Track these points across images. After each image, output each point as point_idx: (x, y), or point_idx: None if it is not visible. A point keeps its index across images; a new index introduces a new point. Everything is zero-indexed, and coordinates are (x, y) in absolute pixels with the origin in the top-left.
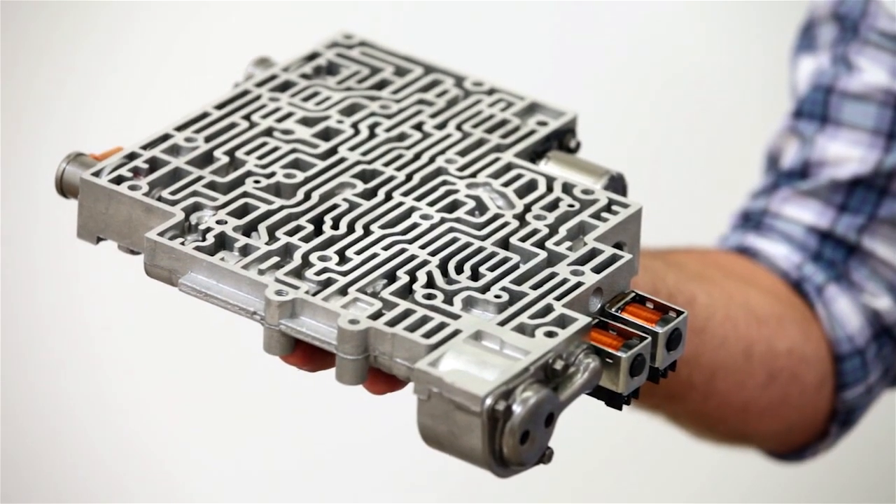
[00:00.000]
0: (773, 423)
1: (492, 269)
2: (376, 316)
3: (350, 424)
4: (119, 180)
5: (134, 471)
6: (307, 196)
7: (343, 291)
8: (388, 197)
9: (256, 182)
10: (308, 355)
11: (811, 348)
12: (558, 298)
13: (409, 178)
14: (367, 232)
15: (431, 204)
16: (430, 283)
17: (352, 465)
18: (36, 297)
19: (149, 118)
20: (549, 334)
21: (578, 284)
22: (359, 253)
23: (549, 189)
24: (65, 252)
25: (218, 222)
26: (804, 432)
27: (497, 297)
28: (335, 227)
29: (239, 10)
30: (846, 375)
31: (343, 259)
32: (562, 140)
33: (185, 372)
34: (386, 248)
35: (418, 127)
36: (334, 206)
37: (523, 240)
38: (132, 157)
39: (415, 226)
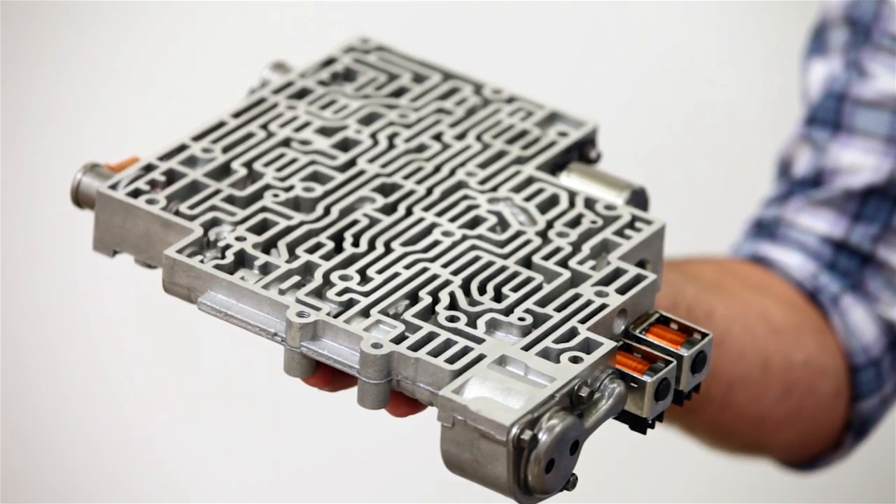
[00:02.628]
0: (789, 434)
1: (515, 289)
2: (399, 339)
3: (356, 426)
4: (136, 193)
5: (141, 474)
6: (327, 211)
7: (365, 313)
8: (409, 212)
9: (275, 196)
10: (329, 377)
11: (827, 359)
12: (583, 321)
13: (429, 191)
14: (388, 249)
15: (453, 220)
16: (453, 304)
17: (357, 468)
18: (45, 304)
19: (160, 122)
20: (575, 360)
21: (603, 306)
22: (380, 272)
23: (572, 204)
24: (76, 261)
25: (237, 239)
26: (818, 443)
27: (521, 319)
28: (356, 244)
29: (253, 13)
30: (861, 386)
31: (364, 278)
32: (582, 150)
33: (188, 372)
34: (407, 267)
35: (437, 137)
36: (354, 222)
37: (546, 258)
38: (149, 168)
39: (436, 243)
